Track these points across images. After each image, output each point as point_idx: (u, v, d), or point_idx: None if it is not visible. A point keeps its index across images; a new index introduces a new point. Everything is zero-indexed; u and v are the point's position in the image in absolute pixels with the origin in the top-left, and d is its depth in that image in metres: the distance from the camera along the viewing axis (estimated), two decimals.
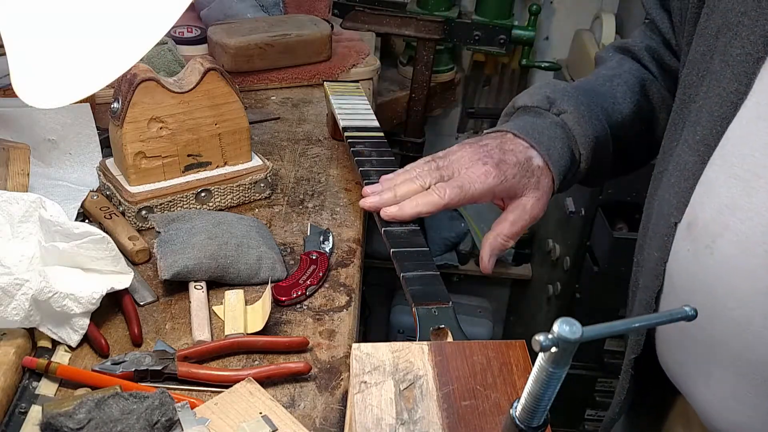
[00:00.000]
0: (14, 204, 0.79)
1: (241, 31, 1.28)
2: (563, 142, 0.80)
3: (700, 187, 0.66)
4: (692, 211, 0.66)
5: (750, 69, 0.61)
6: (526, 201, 0.79)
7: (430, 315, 0.70)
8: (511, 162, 0.77)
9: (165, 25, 0.53)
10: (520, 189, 0.78)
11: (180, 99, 0.91)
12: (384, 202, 0.80)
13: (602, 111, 0.83)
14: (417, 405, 0.54)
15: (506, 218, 0.80)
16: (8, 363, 0.68)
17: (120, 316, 0.79)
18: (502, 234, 0.80)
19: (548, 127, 0.80)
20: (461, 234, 2.07)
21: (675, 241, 0.68)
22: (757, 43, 0.61)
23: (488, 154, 0.78)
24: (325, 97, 1.15)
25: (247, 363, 0.75)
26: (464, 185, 0.77)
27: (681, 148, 0.70)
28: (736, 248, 0.61)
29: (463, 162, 0.78)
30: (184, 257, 0.81)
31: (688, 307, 0.44)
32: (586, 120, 0.80)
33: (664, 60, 0.87)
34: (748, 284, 0.61)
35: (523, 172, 0.77)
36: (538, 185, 0.78)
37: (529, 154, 0.78)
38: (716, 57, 0.66)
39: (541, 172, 0.78)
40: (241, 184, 0.97)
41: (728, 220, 0.62)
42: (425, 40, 1.66)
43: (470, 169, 0.77)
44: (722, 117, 0.63)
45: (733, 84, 0.63)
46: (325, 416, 0.70)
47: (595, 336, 0.40)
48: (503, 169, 0.77)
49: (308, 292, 0.84)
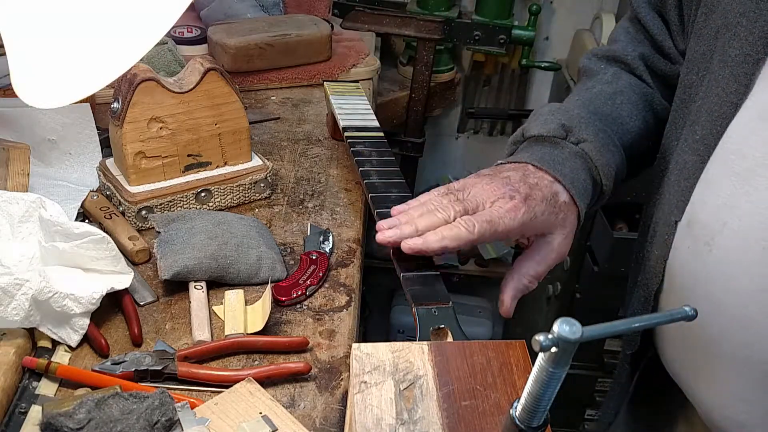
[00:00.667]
0: (14, 204, 0.79)
1: (241, 31, 1.28)
2: (586, 174, 0.75)
3: (700, 185, 0.66)
4: (692, 210, 0.67)
5: (749, 69, 0.62)
6: (552, 239, 0.73)
7: (430, 315, 0.70)
8: (538, 197, 0.71)
9: (165, 25, 0.53)
10: (547, 227, 0.73)
11: (180, 99, 0.91)
12: (404, 234, 0.71)
13: (615, 133, 0.79)
14: (417, 405, 0.54)
15: (532, 257, 0.73)
16: (8, 363, 0.68)
17: (120, 316, 0.79)
18: (527, 275, 0.73)
19: (569, 158, 0.75)
20: None
21: (675, 239, 0.68)
22: (756, 44, 0.61)
23: (514, 189, 0.71)
24: (325, 97, 1.15)
25: (247, 363, 0.75)
26: (494, 220, 0.69)
27: (681, 148, 0.70)
28: (734, 245, 0.62)
29: (487, 195, 0.71)
30: (184, 257, 0.81)
31: (688, 307, 0.44)
32: (608, 149, 0.76)
33: (657, 66, 0.84)
34: (746, 281, 0.61)
35: (551, 208, 0.72)
36: (565, 222, 0.73)
37: (555, 189, 0.73)
38: (715, 57, 0.66)
39: (567, 208, 0.73)
40: (241, 184, 0.97)
41: (727, 218, 0.62)
42: (425, 40, 1.66)
43: (496, 203, 0.70)
44: (722, 116, 0.64)
45: (733, 84, 0.63)
46: (325, 416, 0.70)
47: (595, 336, 0.40)
48: (531, 206, 0.70)
49: (308, 292, 0.84)
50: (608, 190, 0.77)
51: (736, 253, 0.62)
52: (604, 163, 0.75)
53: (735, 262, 0.62)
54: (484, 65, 2.01)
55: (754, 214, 0.60)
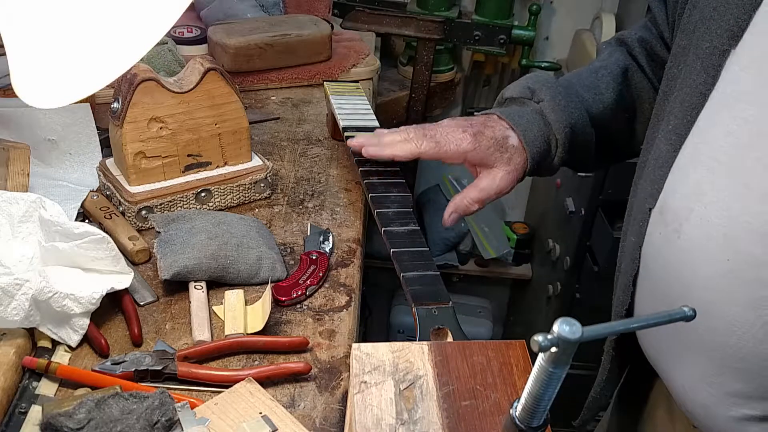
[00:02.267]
0: (14, 204, 0.79)
1: (241, 31, 1.28)
2: (540, 128, 0.87)
3: (672, 174, 0.69)
4: (664, 197, 0.69)
5: (716, 61, 0.65)
6: (496, 173, 0.87)
7: (430, 315, 0.70)
8: (488, 135, 0.86)
9: (165, 25, 0.53)
10: (492, 161, 0.86)
11: (180, 99, 0.91)
12: (368, 143, 0.90)
13: (582, 101, 0.90)
14: (417, 405, 0.54)
15: (477, 185, 0.88)
16: (8, 363, 0.68)
17: (120, 316, 0.79)
18: (469, 197, 0.87)
19: (528, 113, 0.88)
20: (461, 234, 2.07)
21: (649, 226, 0.71)
22: (723, 36, 0.64)
23: (470, 125, 0.87)
24: (325, 97, 1.15)
25: (247, 363, 0.75)
26: (440, 141, 0.86)
27: (659, 138, 0.73)
28: (699, 232, 0.64)
29: (447, 128, 0.87)
30: (184, 257, 0.81)
31: (687, 308, 0.44)
32: (562, 108, 0.87)
33: (655, 51, 0.90)
34: (710, 267, 0.63)
35: (497, 146, 0.86)
36: (510, 161, 0.86)
37: (507, 133, 0.87)
38: (691, 50, 0.70)
39: (515, 150, 0.86)
40: (241, 184, 0.97)
41: (694, 205, 0.65)
42: (425, 40, 1.66)
43: (450, 132, 0.87)
44: (692, 107, 0.67)
45: (702, 75, 0.66)
46: (325, 416, 0.70)
47: (595, 336, 0.40)
48: (479, 139, 0.85)
49: (308, 292, 0.84)
50: (562, 145, 0.88)
51: (700, 240, 0.64)
52: (556, 120, 0.87)
53: (700, 249, 0.64)
54: (484, 65, 2.01)
55: (717, 201, 0.63)
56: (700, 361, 0.67)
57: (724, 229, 0.62)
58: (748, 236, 0.60)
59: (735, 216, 0.61)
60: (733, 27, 0.63)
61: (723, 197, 0.62)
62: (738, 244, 0.61)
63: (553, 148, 0.88)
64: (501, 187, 0.87)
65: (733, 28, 0.63)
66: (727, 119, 0.63)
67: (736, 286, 0.61)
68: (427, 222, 2.05)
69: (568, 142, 0.88)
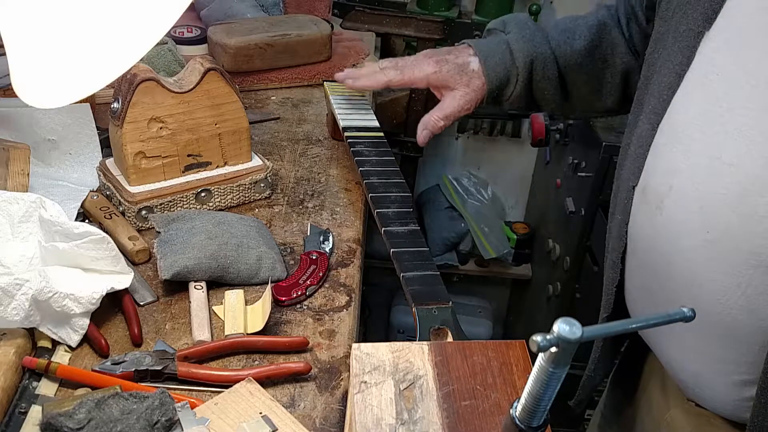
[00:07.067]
0: (14, 204, 0.79)
1: (241, 31, 1.28)
2: (502, 56, 0.96)
3: (652, 152, 0.72)
4: (645, 175, 0.72)
5: (692, 42, 0.68)
6: (456, 93, 0.98)
7: (430, 315, 0.70)
8: (450, 60, 0.97)
9: (165, 25, 0.53)
10: (452, 83, 0.97)
11: (180, 99, 0.91)
12: (347, 76, 1.04)
13: (550, 39, 0.98)
14: (417, 405, 0.54)
15: (441, 105, 0.99)
16: (8, 363, 0.68)
17: (120, 316, 0.79)
18: (435, 115, 0.99)
19: (495, 43, 0.98)
20: (461, 234, 2.06)
21: (633, 203, 0.74)
22: (698, 19, 0.67)
23: (436, 54, 0.99)
24: (325, 97, 1.15)
25: (247, 363, 0.75)
26: (405, 70, 0.99)
27: (641, 119, 0.76)
28: (678, 207, 0.67)
29: (416, 58, 1.00)
30: (184, 257, 0.81)
31: (686, 308, 0.44)
32: (527, 40, 0.96)
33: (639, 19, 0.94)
34: (689, 240, 0.66)
35: (458, 70, 0.97)
36: (469, 83, 0.97)
37: (468, 59, 0.97)
38: (670, 34, 0.73)
39: (474, 74, 0.97)
40: (241, 184, 0.97)
41: (672, 182, 0.67)
42: (425, 40, 1.66)
43: (417, 61, 0.99)
44: (669, 87, 0.70)
45: (678, 57, 0.69)
46: (325, 416, 0.70)
47: (595, 336, 0.40)
48: (441, 65, 0.97)
49: (308, 292, 0.84)
50: (523, 74, 0.96)
51: (680, 215, 0.67)
52: (518, 49, 0.96)
53: (680, 223, 0.67)
54: None
55: (692, 176, 0.65)
56: (689, 331, 0.69)
57: (701, 202, 0.64)
58: (722, 208, 0.63)
59: (709, 189, 0.64)
60: (708, 10, 0.66)
61: (697, 172, 0.65)
62: (714, 216, 0.63)
63: (513, 77, 0.97)
64: (461, 105, 0.97)
65: (707, 11, 0.66)
66: (700, 98, 0.66)
67: (716, 256, 0.64)
68: (427, 222, 2.05)
69: (528, 73, 0.96)
